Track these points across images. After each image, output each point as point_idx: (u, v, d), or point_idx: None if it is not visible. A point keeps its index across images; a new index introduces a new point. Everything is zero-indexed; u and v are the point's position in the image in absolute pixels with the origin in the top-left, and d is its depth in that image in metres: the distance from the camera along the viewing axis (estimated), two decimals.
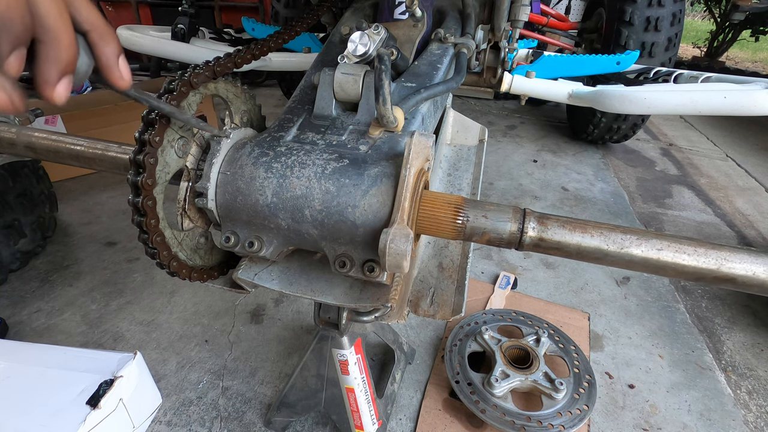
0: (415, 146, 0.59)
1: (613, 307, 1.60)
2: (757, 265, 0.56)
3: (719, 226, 2.24)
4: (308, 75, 0.88)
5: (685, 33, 7.29)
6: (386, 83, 0.67)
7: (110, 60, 0.39)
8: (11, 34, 0.30)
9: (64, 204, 2.05)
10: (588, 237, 0.60)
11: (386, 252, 0.53)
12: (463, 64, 0.99)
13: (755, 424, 1.21)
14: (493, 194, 2.41)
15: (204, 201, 0.65)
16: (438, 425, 1.13)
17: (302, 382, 1.04)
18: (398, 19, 1.03)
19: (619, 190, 2.56)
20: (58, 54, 0.33)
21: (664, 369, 1.35)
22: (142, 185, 0.59)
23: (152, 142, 0.60)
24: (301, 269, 0.72)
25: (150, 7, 4.87)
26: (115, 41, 0.39)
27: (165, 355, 1.32)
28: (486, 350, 1.23)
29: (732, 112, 1.48)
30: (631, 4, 2.40)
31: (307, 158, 0.64)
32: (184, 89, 0.64)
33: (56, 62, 0.33)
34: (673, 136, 3.59)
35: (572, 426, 1.05)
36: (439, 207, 0.60)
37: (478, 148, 1.02)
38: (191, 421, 1.13)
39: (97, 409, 0.92)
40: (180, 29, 2.09)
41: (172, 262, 0.65)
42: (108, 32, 0.38)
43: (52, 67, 0.33)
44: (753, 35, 6.54)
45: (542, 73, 1.92)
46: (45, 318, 1.43)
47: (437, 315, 0.74)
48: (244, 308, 1.50)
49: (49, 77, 0.34)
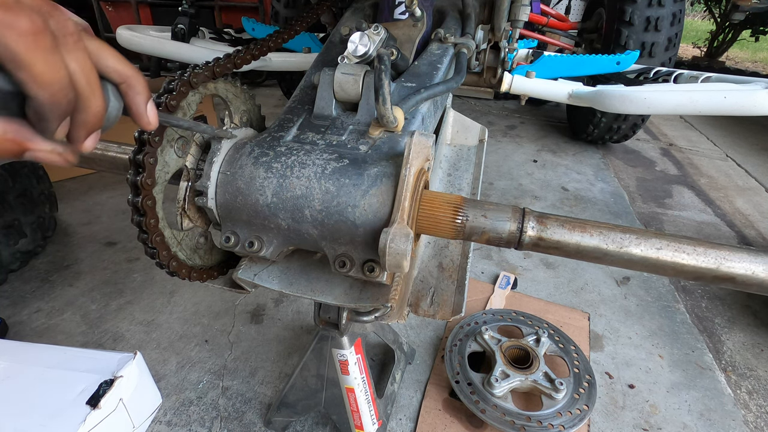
0: (416, 146, 0.59)
1: (613, 307, 1.60)
2: (756, 264, 0.56)
3: (719, 226, 2.24)
4: (308, 75, 0.88)
5: (685, 33, 7.28)
6: (386, 83, 0.67)
7: (140, 108, 0.43)
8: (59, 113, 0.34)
9: (64, 204, 2.05)
10: (587, 236, 0.60)
11: (386, 251, 0.53)
12: (463, 64, 0.99)
13: (755, 424, 1.21)
14: (493, 194, 2.41)
15: (204, 200, 0.65)
16: (438, 425, 1.13)
17: (302, 382, 1.04)
18: (398, 19, 1.03)
19: (619, 190, 2.56)
20: (87, 119, 0.37)
21: (664, 369, 1.35)
22: (142, 185, 0.59)
23: (152, 142, 0.60)
24: (301, 269, 0.72)
25: (150, 7, 4.87)
26: (145, 89, 0.43)
27: (165, 355, 1.32)
28: (486, 350, 1.23)
29: (732, 112, 1.48)
30: (631, 4, 2.40)
31: (307, 158, 0.64)
32: (184, 89, 0.64)
33: (85, 125, 0.37)
34: (673, 136, 3.59)
35: (572, 426, 1.05)
36: (439, 206, 0.60)
37: (478, 148, 1.02)
38: (191, 421, 1.13)
39: (97, 409, 0.92)
40: (180, 29, 2.10)
41: (172, 261, 0.65)
42: (137, 81, 0.42)
43: (82, 129, 0.37)
44: (753, 35, 6.55)
45: (542, 73, 1.92)
46: (45, 318, 1.43)
47: (437, 315, 0.74)
48: (244, 308, 1.50)
49: (79, 137, 0.38)
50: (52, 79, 0.32)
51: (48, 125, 0.34)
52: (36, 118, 0.33)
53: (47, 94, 0.32)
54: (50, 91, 0.32)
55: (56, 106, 0.33)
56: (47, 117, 0.33)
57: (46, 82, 0.32)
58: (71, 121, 0.37)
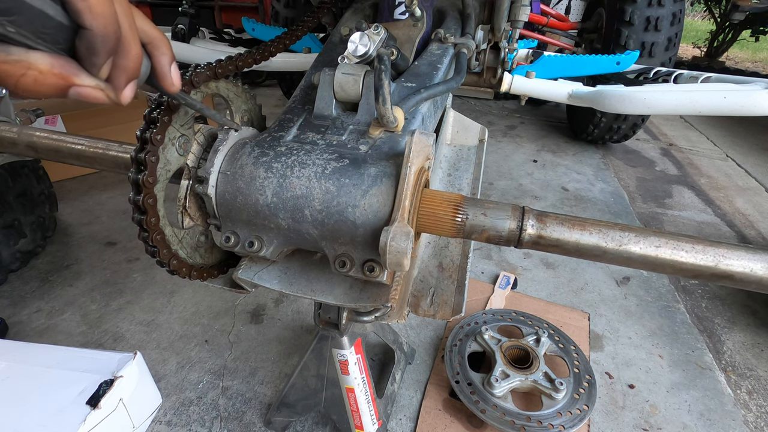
0: (416, 145, 0.59)
1: (613, 307, 1.60)
2: (755, 262, 0.56)
3: (719, 226, 2.24)
4: (308, 75, 0.88)
5: (685, 33, 7.29)
6: (386, 83, 0.67)
7: (165, 68, 0.45)
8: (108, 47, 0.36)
9: (64, 204, 2.05)
10: (587, 234, 0.60)
11: (387, 250, 0.53)
12: (463, 64, 0.99)
13: (755, 424, 1.21)
14: (493, 194, 2.42)
15: (204, 187, 0.65)
16: (438, 425, 1.13)
17: (302, 382, 1.04)
18: (398, 19, 1.03)
19: (619, 190, 2.56)
20: (128, 63, 0.38)
21: (664, 369, 1.35)
22: (143, 183, 0.59)
23: (154, 140, 0.60)
24: (301, 269, 0.72)
25: (150, 7, 4.88)
26: (170, 50, 0.45)
27: (165, 355, 1.32)
28: (486, 350, 1.23)
29: (732, 112, 1.48)
30: (631, 4, 2.40)
31: (308, 158, 0.64)
32: (186, 87, 0.64)
33: (125, 71, 0.39)
34: (673, 136, 3.59)
35: (572, 426, 1.05)
36: (439, 205, 0.60)
37: (478, 148, 1.02)
38: (191, 421, 1.13)
39: (97, 409, 0.92)
40: (180, 29, 2.10)
41: (172, 260, 0.65)
42: (164, 43, 0.44)
43: (122, 75, 0.39)
44: (753, 35, 6.54)
45: (542, 73, 1.92)
46: (45, 318, 1.43)
47: (437, 315, 0.74)
48: (244, 308, 1.50)
49: (119, 83, 0.39)
50: (105, 12, 0.34)
51: (96, 59, 0.35)
52: (86, 51, 0.35)
53: (101, 25, 0.34)
54: (103, 23, 0.34)
55: (107, 39, 0.35)
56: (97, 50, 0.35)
57: (100, 13, 0.33)
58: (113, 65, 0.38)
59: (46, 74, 0.33)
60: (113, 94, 0.39)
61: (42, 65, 0.33)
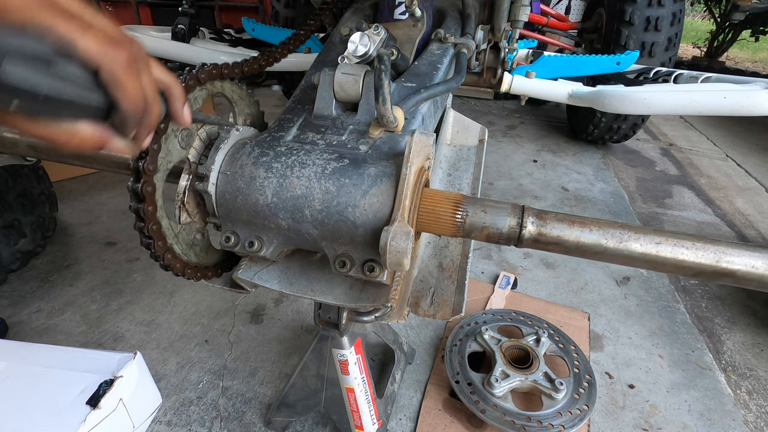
0: (416, 144, 0.59)
1: (613, 307, 1.60)
2: (756, 260, 0.56)
3: (719, 226, 2.24)
4: (308, 75, 0.88)
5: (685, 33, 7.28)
6: (386, 83, 0.67)
7: (178, 111, 0.53)
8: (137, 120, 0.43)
9: (64, 204, 2.05)
10: (587, 232, 0.59)
11: (387, 250, 0.53)
12: (463, 64, 0.99)
13: (755, 424, 1.21)
14: (494, 194, 2.41)
15: (204, 185, 0.65)
16: (438, 425, 1.13)
17: (302, 382, 1.04)
18: (398, 19, 1.03)
19: (619, 190, 2.56)
20: (150, 122, 0.46)
21: (664, 369, 1.35)
22: (144, 170, 0.59)
23: (157, 130, 0.60)
24: (301, 269, 0.72)
25: (150, 8, 4.88)
26: (182, 94, 0.53)
27: (165, 355, 1.32)
28: (486, 350, 1.23)
29: (732, 112, 1.48)
30: (631, 4, 2.40)
31: (307, 158, 0.64)
32: (192, 83, 0.64)
33: (147, 127, 0.46)
34: (673, 136, 3.59)
35: (572, 426, 1.05)
36: (439, 202, 0.60)
37: (478, 148, 1.02)
38: (191, 421, 1.13)
39: (97, 409, 0.92)
40: (180, 29, 2.10)
41: (167, 254, 0.65)
42: (177, 88, 0.51)
43: (145, 130, 0.46)
44: (753, 35, 6.55)
45: (542, 73, 1.92)
46: (45, 318, 1.43)
47: (437, 315, 0.74)
48: (244, 308, 1.50)
49: (142, 137, 0.47)
50: (136, 96, 0.41)
51: (127, 130, 0.44)
52: (120, 124, 0.43)
53: (132, 107, 0.42)
54: (134, 105, 0.42)
55: (136, 115, 0.43)
56: (128, 124, 0.43)
57: (132, 98, 0.41)
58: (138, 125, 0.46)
59: (87, 140, 0.41)
60: (137, 146, 0.48)
61: (85, 133, 0.41)
